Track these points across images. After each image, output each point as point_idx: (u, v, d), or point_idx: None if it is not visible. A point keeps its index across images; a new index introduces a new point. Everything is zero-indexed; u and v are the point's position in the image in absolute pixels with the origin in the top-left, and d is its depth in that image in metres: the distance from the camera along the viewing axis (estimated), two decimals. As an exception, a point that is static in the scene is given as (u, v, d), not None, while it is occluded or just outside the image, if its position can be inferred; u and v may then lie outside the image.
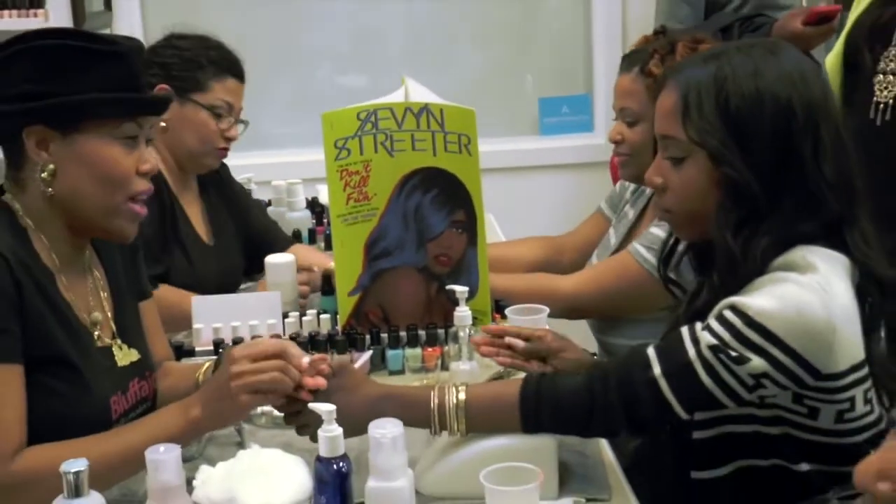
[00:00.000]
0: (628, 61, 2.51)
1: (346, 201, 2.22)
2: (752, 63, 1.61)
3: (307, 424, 1.62)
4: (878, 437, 1.58)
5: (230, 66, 2.63)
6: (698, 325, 1.57)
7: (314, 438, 1.47)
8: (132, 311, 1.85)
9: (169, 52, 2.58)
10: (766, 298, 1.53)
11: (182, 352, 2.20)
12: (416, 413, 1.62)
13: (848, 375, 1.57)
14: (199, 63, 2.58)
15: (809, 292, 1.53)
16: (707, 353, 1.53)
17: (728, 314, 1.54)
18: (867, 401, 1.60)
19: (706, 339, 1.54)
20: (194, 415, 1.60)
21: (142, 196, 1.70)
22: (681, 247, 1.81)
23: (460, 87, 4.09)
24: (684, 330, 1.58)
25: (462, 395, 1.63)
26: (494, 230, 3.24)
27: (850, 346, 1.56)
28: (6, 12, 3.69)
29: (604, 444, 1.82)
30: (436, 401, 1.63)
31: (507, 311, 2.13)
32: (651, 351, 1.58)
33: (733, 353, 1.52)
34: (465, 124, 2.20)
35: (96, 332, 1.72)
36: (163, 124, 2.49)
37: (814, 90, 1.62)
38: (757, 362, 1.52)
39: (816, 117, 1.60)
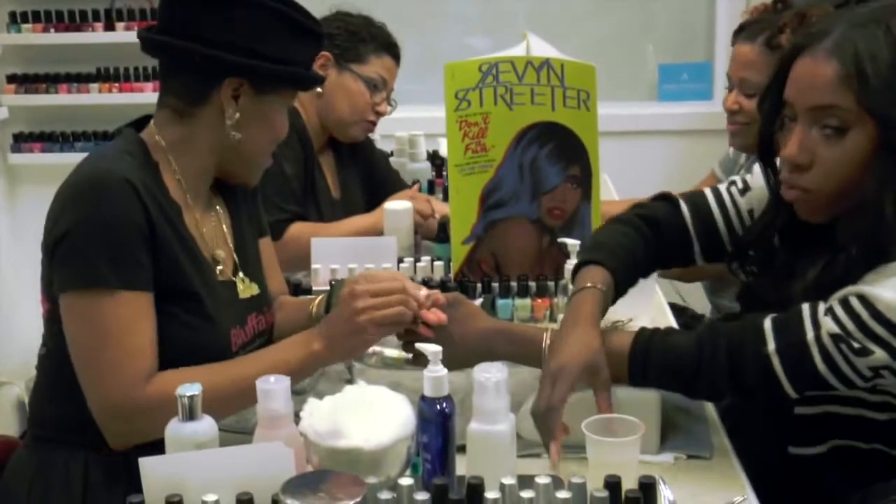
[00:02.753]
0: (749, 31, 2.41)
1: (464, 151, 2.19)
2: None
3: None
4: None
5: (389, 45, 2.68)
6: (821, 308, 1.46)
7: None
8: (252, 247, 1.84)
9: (335, 24, 2.64)
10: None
11: (300, 290, 2.18)
12: (527, 351, 1.58)
13: None
14: (362, 37, 2.64)
15: None
16: (827, 341, 1.43)
17: (854, 302, 1.43)
18: None
19: (829, 325, 1.44)
20: (316, 348, 1.60)
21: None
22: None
23: (581, 51, 3.98)
24: (805, 309, 1.47)
25: None
26: (609, 191, 3.17)
27: None
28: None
29: (708, 403, 1.74)
30: (547, 341, 1.58)
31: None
32: (768, 324, 1.48)
33: (856, 345, 1.42)
34: (585, 80, 2.14)
35: (219, 267, 1.71)
36: (319, 90, 2.59)
37: None
38: (879, 355, 1.41)
39: None
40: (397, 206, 2.47)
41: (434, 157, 3.25)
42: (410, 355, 1.66)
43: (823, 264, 1.57)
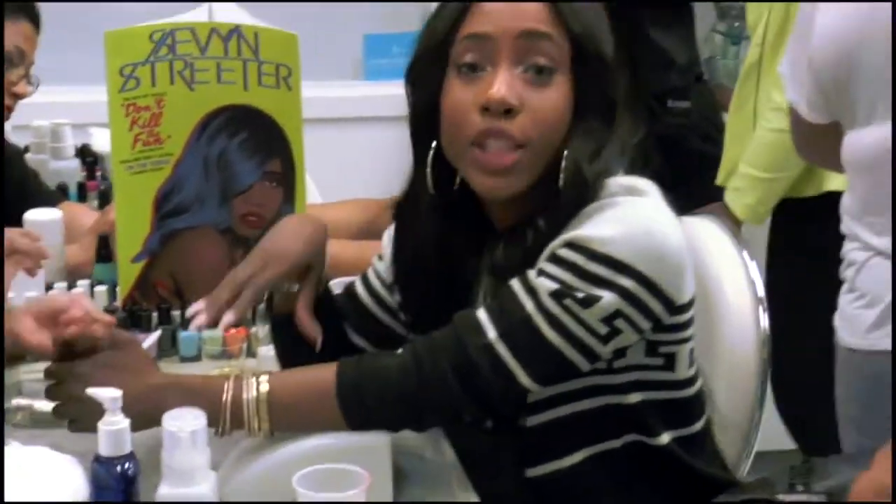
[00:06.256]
0: None
1: (132, 144, 2.17)
2: None
3: (76, 419, 1.57)
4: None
5: (24, 6, 2.60)
6: (531, 274, 1.57)
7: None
8: None
9: None
10: (607, 225, 1.55)
11: None
12: (205, 404, 1.49)
13: (691, 308, 1.64)
14: None
15: (654, 212, 1.59)
16: (548, 302, 1.54)
17: (565, 253, 1.55)
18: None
19: (545, 285, 1.54)
20: None
21: None
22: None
23: (269, 19, 4.02)
24: (515, 283, 1.57)
25: (265, 386, 1.59)
26: (310, 191, 3.19)
27: (690, 273, 1.63)
28: None
29: (446, 445, 1.81)
30: (230, 392, 1.58)
31: (331, 283, 2.10)
32: (482, 314, 1.57)
33: (580, 295, 1.53)
34: (285, 52, 2.18)
35: None
36: None
37: None
38: (608, 299, 1.53)
39: None
40: (42, 215, 2.41)
41: (84, 153, 3.21)
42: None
43: (503, 245, 1.67)
